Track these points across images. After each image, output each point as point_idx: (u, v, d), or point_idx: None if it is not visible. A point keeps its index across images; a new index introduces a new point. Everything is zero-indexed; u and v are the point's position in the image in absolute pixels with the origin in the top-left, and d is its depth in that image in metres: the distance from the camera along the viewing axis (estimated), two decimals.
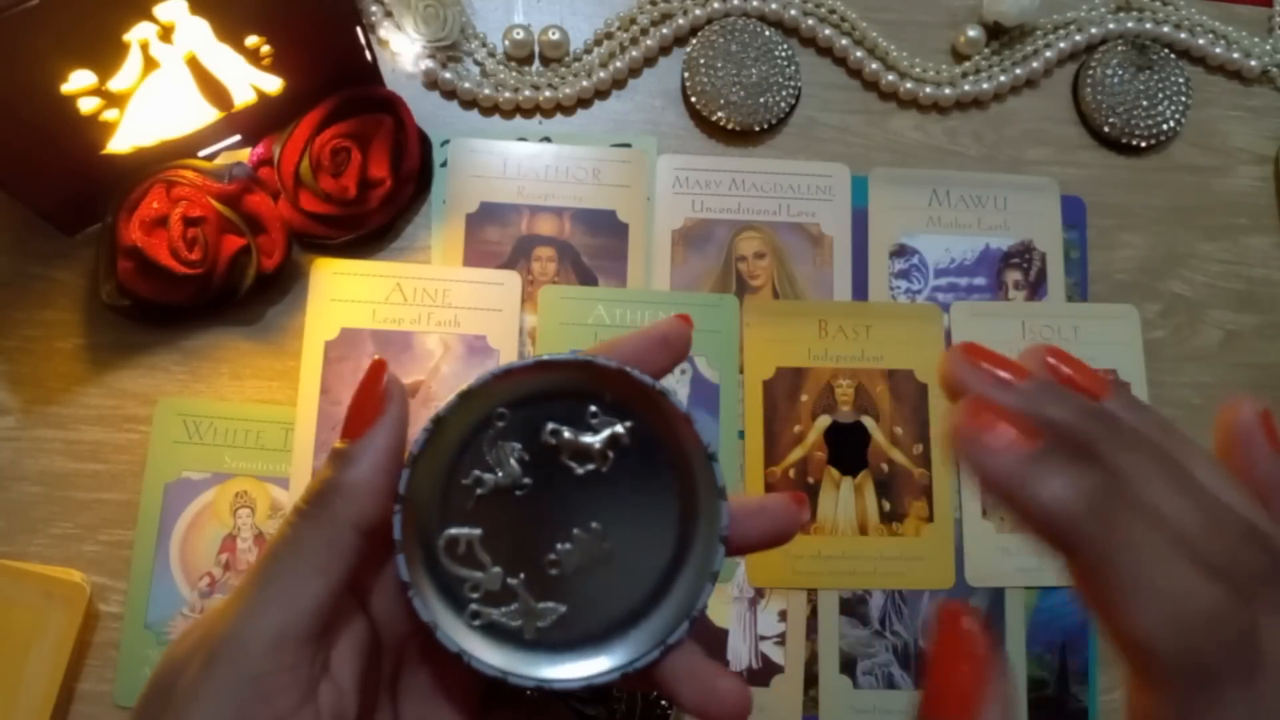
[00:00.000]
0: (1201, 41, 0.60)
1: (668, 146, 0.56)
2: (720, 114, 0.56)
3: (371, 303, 0.52)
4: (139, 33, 0.42)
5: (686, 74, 0.56)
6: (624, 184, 0.55)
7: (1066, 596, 0.52)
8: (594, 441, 0.27)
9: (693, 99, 0.56)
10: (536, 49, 0.56)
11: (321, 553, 0.25)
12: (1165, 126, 0.58)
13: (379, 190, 0.51)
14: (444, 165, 0.54)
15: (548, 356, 0.27)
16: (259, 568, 0.26)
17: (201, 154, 0.51)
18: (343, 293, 0.52)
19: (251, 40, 0.45)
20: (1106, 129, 0.58)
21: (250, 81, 0.48)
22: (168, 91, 0.45)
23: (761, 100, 0.56)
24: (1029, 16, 0.58)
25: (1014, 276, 0.56)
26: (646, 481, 0.27)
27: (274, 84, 0.49)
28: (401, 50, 0.55)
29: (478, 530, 0.27)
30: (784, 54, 0.57)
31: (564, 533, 0.27)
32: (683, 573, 0.27)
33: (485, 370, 0.27)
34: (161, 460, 0.50)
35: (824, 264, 0.55)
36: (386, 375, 0.27)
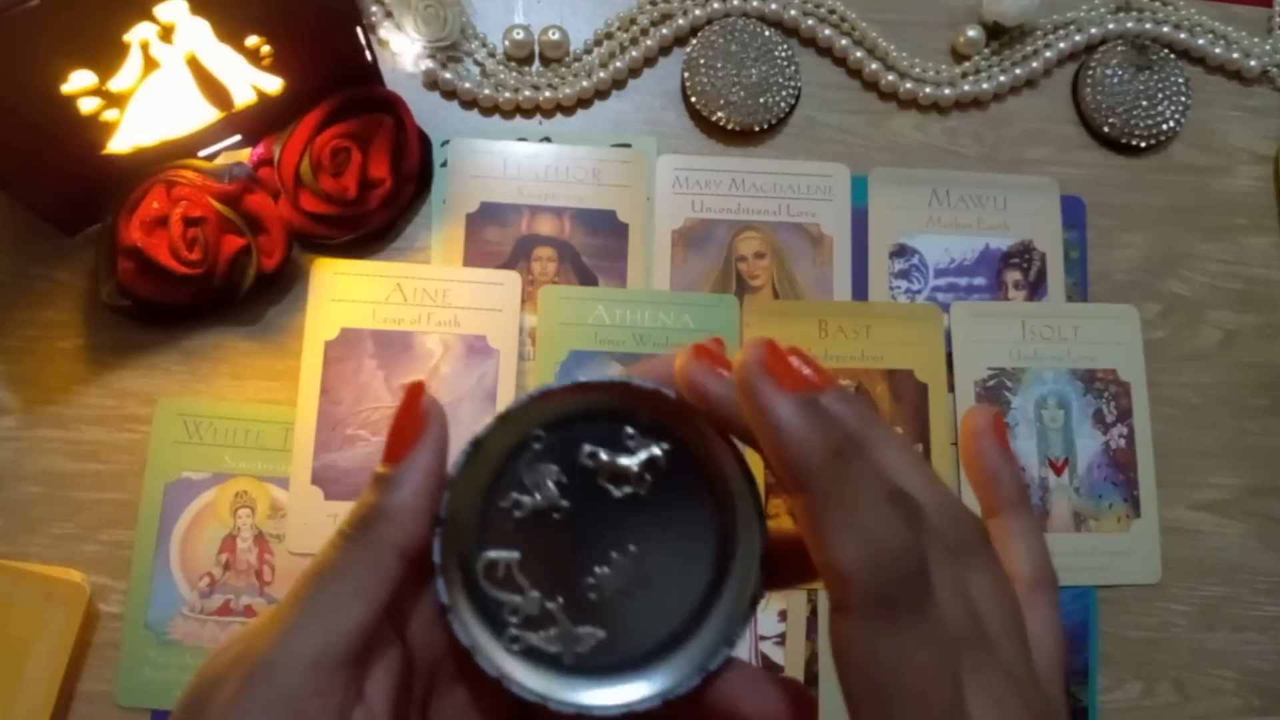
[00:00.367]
0: (1201, 41, 0.60)
1: (668, 146, 0.56)
2: (720, 114, 0.56)
3: (371, 303, 0.52)
4: (139, 33, 0.42)
5: (686, 74, 0.56)
6: (624, 184, 0.55)
7: (1066, 596, 0.52)
8: (631, 464, 0.27)
9: (693, 99, 0.56)
10: (536, 49, 0.56)
11: (364, 576, 0.25)
12: (1165, 126, 0.58)
13: (379, 190, 0.51)
14: (444, 165, 0.54)
15: (585, 378, 0.26)
16: (299, 589, 0.25)
17: (202, 154, 0.51)
18: (343, 293, 0.52)
19: (252, 40, 0.45)
20: (1106, 129, 0.58)
21: (250, 81, 0.48)
22: (168, 92, 0.45)
23: (761, 100, 0.56)
24: (1029, 17, 0.58)
25: (1014, 276, 0.56)
26: (684, 504, 0.27)
27: (274, 84, 0.49)
28: (402, 50, 0.55)
29: (516, 553, 0.27)
30: (784, 54, 0.57)
31: (602, 556, 0.27)
32: (722, 597, 0.27)
33: (523, 393, 0.27)
34: (162, 460, 0.50)
35: (824, 264, 0.55)
36: (425, 397, 0.27)
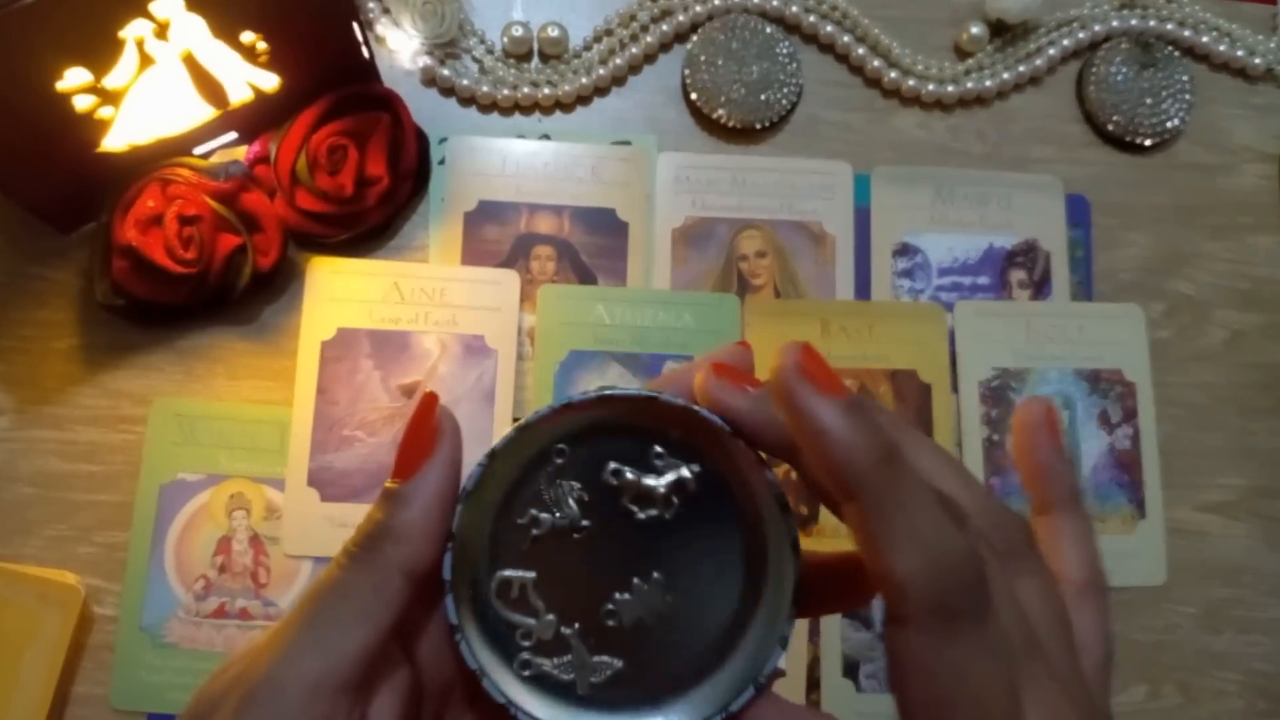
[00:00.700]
0: (1205, 39, 0.59)
1: (668, 144, 0.56)
2: (721, 111, 0.55)
3: (368, 302, 0.51)
4: (134, 29, 0.41)
5: (687, 71, 0.56)
6: (624, 182, 0.54)
7: None
8: (658, 485, 0.25)
9: (693, 96, 0.56)
10: (535, 46, 0.56)
11: (368, 598, 0.24)
12: (1169, 124, 0.58)
13: (376, 188, 0.51)
14: (442, 163, 0.54)
15: (610, 390, 0.25)
16: (302, 610, 0.25)
17: (197, 152, 0.51)
18: (339, 292, 0.51)
19: (248, 37, 0.45)
20: (1110, 127, 0.58)
21: (246, 79, 0.48)
22: (163, 89, 0.45)
23: (763, 97, 0.56)
24: (1032, 13, 0.57)
25: (1018, 275, 0.56)
26: (713, 531, 0.26)
27: (270, 81, 0.48)
28: (399, 47, 0.55)
29: (532, 574, 0.26)
30: (785, 51, 0.56)
31: (623, 582, 0.26)
32: (748, 633, 0.26)
33: (544, 404, 0.25)
34: (156, 461, 0.49)
35: (826, 263, 0.55)
36: (439, 409, 0.26)
